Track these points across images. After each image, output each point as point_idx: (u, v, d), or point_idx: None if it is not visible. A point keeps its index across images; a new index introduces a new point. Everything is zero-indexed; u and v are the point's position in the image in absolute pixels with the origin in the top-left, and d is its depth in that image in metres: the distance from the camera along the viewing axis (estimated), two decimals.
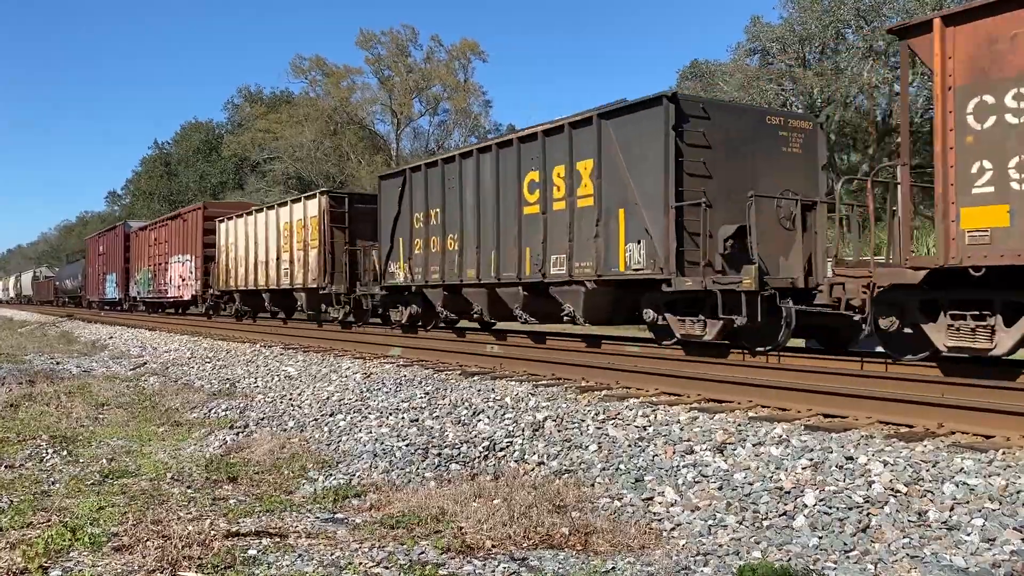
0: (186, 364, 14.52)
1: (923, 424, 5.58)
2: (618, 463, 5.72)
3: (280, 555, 4.11)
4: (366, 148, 50.37)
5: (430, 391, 8.56)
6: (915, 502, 4.32)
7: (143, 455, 7.25)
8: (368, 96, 50.93)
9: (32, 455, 7.09)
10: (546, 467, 6.00)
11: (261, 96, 60.61)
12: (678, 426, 6.14)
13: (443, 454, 6.56)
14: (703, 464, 5.36)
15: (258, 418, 9.04)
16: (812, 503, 4.51)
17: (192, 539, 4.28)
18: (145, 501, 5.36)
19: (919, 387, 6.50)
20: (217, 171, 60.35)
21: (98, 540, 4.33)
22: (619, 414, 6.66)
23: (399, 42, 49.72)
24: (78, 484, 6.01)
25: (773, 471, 5.01)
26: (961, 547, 3.86)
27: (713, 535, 4.45)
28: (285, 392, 10.23)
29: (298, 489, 6.14)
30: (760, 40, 31.31)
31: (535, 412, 7.05)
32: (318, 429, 8.12)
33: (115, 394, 11.07)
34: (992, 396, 5.91)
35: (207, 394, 10.93)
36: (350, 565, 3.96)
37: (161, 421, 9.18)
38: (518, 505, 4.88)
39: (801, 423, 5.88)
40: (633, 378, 8.12)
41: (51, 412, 9.51)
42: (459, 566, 3.98)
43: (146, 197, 68.95)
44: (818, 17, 28.68)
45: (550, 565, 4.00)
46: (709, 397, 7.12)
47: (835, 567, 3.88)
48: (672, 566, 4.00)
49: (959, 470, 4.57)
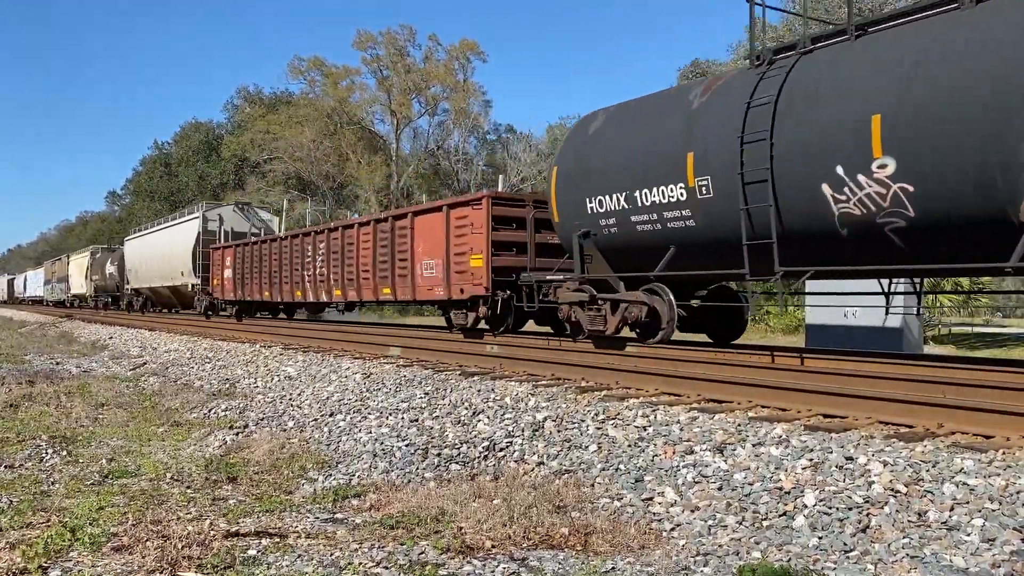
0: (186, 364, 14.53)
1: (923, 424, 5.58)
2: (618, 463, 5.72)
3: (280, 555, 4.11)
4: (366, 148, 50.36)
5: (430, 391, 8.55)
6: (915, 502, 4.31)
7: (143, 455, 7.26)
8: (367, 96, 50.98)
9: (32, 455, 7.09)
10: (546, 467, 6.00)
11: (261, 97, 60.61)
12: (678, 426, 6.13)
13: (443, 454, 6.56)
14: (703, 464, 5.35)
15: (258, 418, 9.05)
16: (812, 503, 4.51)
17: (192, 539, 4.28)
18: (145, 501, 5.36)
19: (919, 387, 6.48)
20: (217, 171, 60.33)
21: (97, 540, 4.33)
22: (619, 414, 6.65)
23: (396, 43, 49.72)
24: (78, 484, 6.01)
25: (773, 471, 5.00)
26: (961, 547, 3.85)
27: (713, 535, 4.45)
28: (285, 392, 10.23)
29: (298, 489, 6.15)
30: (760, 40, 31.30)
31: (535, 412, 7.05)
32: (318, 429, 8.12)
33: (115, 394, 11.07)
34: (992, 396, 5.90)
35: (207, 394, 10.94)
36: (350, 565, 3.96)
37: (161, 421, 9.18)
38: (518, 505, 4.88)
39: (801, 423, 5.87)
40: (633, 378, 8.11)
41: (51, 412, 9.51)
42: (459, 566, 3.97)
43: (146, 197, 68.93)
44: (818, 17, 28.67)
45: (550, 565, 4.00)
46: (709, 397, 7.11)
47: (835, 567, 3.87)
48: (672, 566, 3.99)
49: (959, 470, 4.56)
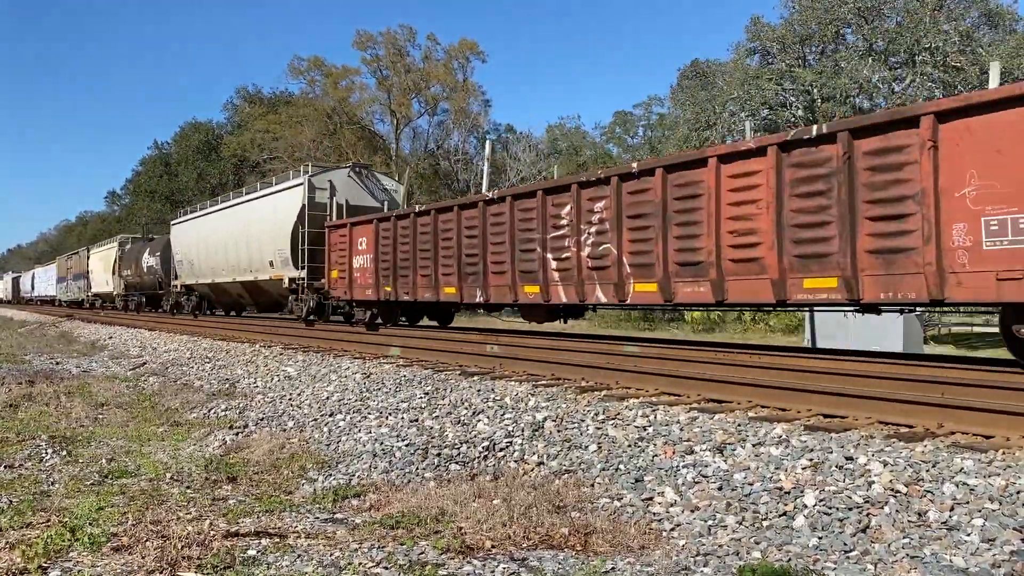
0: (185, 364, 14.52)
1: (923, 424, 5.57)
2: (618, 463, 5.72)
3: (279, 555, 4.11)
4: (365, 148, 50.32)
5: (430, 391, 8.55)
6: (915, 502, 4.31)
7: (142, 455, 7.25)
8: (367, 96, 50.96)
9: (32, 455, 7.08)
10: (546, 467, 5.99)
11: (260, 96, 60.59)
12: (678, 426, 6.12)
13: (443, 454, 6.56)
14: (703, 464, 5.35)
15: (258, 418, 9.04)
16: (812, 503, 4.50)
17: (191, 539, 4.27)
18: (144, 501, 5.35)
19: (919, 387, 6.48)
20: (217, 171, 60.32)
21: (97, 540, 4.33)
22: (619, 414, 6.65)
23: (396, 43, 49.69)
24: (77, 484, 6.00)
25: (773, 471, 5.00)
26: (961, 547, 3.85)
27: (713, 535, 4.45)
28: (285, 392, 10.23)
29: (298, 489, 6.15)
30: (760, 40, 31.33)
31: (535, 412, 7.04)
32: (318, 429, 8.11)
33: (114, 394, 11.07)
34: (992, 396, 5.89)
35: (207, 394, 10.93)
36: (350, 565, 3.95)
37: (161, 421, 9.18)
38: (518, 505, 4.87)
39: (801, 423, 5.87)
40: (633, 378, 8.10)
41: (51, 412, 9.51)
42: (459, 566, 3.97)
43: (146, 197, 68.90)
44: (818, 17, 28.69)
45: (550, 565, 4.00)
46: (709, 397, 7.10)
47: (835, 567, 3.87)
48: (672, 566, 3.99)
49: (959, 470, 4.56)
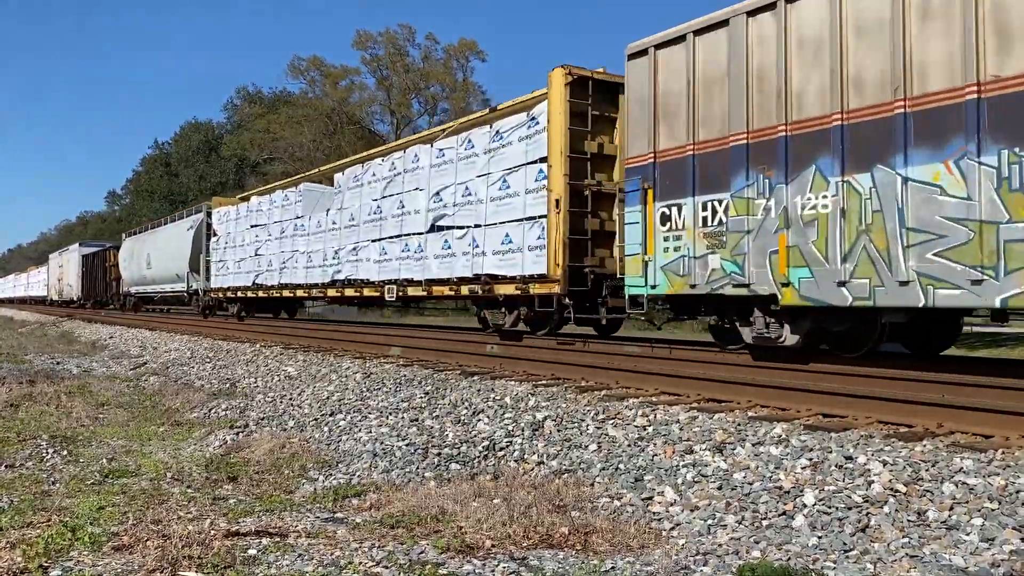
0: (186, 364, 14.52)
1: (923, 424, 5.58)
2: (618, 463, 5.73)
3: (280, 555, 4.11)
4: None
5: (430, 391, 8.55)
6: (914, 502, 4.32)
7: (143, 455, 7.26)
8: (367, 96, 50.92)
9: (32, 455, 7.09)
10: (546, 467, 6.00)
11: (260, 96, 60.55)
12: (677, 426, 6.13)
13: (443, 454, 6.57)
14: (702, 464, 5.36)
15: (258, 418, 9.05)
16: (811, 503, 4.51)
17: (192, 539, 4.28)
18: (145, 501, 5.36)
19: (919, 387, 6.49)
20: (217, 171, 60.33)
21: (98, 540, 4.33)
22: (619, 414, 6.65)
23: (396, 43, 49.65)
24: (78, 484, 6.01)
25: (772, 471, 5.01)
26: (960, 547, 3.86)
27: (712, 535, 4.45)
28: (285, 392, 10.23)
29: (298, 489, 6.16)
30: None
31: (535, 412, 7.05)
32: (318, 429, 8.12)
33: (115, 394, 11.08)
34: (992, 396, 5.90)
35: (207, 394, 10.94)
36: (350, 565, 3.96)
37: (161, 421, 9.19)
38: (518, 505, 4.88)
39: (800, 423, 5.88)
40: (633, 378, 8.11)
41: (51, 412, 9.52)
42: (459, 566, 3.98)
43: (146, 197, 68.91)
44: None
45: (550, 565, 4.00)
46: (709, 397, 7.11)
47: (834, 567, 3.88)
48: (672, 566, 4.00)
49: (958, 470, 4.57)
